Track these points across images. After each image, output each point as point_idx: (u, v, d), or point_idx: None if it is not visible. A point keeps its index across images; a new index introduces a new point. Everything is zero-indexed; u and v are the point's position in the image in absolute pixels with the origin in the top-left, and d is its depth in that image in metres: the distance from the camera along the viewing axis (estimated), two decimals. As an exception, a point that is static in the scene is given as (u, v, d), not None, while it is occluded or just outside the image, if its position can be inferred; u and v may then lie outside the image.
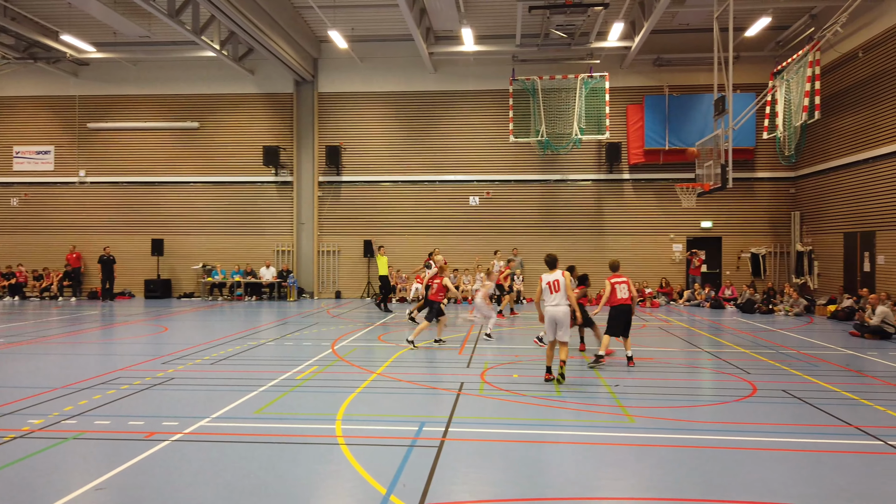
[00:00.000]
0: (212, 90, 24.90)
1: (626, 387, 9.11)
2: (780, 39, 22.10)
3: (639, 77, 23.57)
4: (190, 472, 5.66)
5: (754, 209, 23.46)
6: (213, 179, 24.90)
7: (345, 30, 21.50)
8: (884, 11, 17.62)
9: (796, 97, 17.64)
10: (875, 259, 18.21)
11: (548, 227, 23.89)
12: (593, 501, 5.12)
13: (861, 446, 6.45)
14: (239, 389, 8.73)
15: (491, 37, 22.73)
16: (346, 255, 24.53)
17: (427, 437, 6.61)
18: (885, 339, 13.98)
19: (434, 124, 24.34)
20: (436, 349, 12.42)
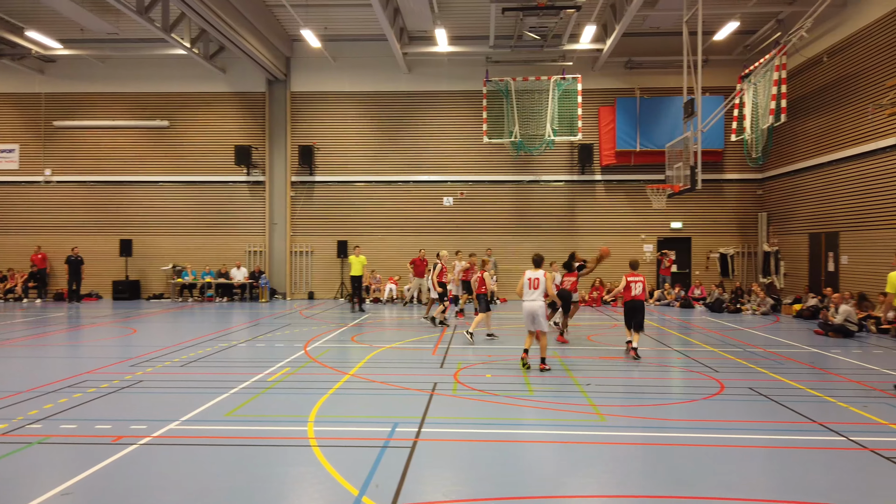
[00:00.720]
0: (182, 88, 24.56)
1: (597, 386, 9.21)
2: (748, 43, 22.53)
3: (610, 79, 23.83)
4: (158, 476, 5.59)
5: (723, 210, 23.88)
6: (184, 179, 24.57)
7: (318, 29, 21.38)
8: (847, 17, 18.07)
9: (763, 100, 18.01)
10: (839, 259, 18.66)
11: (521, 228, 24.03)
12: (565, 499, 5.17)
13: (825, 442, 6.61)
14: (209, 392, 8.63)
15: (465, 38, 22.79)
16: (320, 255, 24.39)
17: (400, 438, 6.61)
18: (847, 337, 14.33)
19: (408, 125, 24.32)
20: (411, 350, 12.43)
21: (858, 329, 14.69)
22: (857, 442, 6.55)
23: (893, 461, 5.96)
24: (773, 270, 22.46)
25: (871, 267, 17.14)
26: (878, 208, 16.85)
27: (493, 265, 22.85)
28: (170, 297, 23.84)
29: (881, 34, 16.61)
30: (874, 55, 16.88)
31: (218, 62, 23.71)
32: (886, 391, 8.88)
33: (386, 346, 12.89)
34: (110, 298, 23.93)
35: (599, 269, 23.07)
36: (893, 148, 16.10)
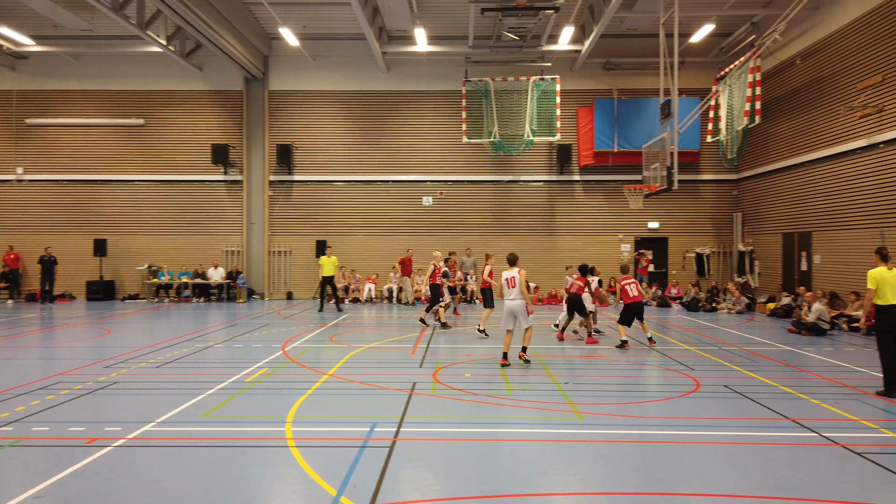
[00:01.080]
0: (158, 86, 24.24)
1: (575, 384, 9.27)
2: (724, 46, 22.83)
3: (589, 80, 23.99)
4: (133, 478, 5.52)
5: (699, 210, 24.17)
6: (160, 178, 24.26)
7: (296, 27, 21.25)
8: (819, 21, 18.39)
9: (738, 102, 18.25)
10: (811, 259, 18.99)
11: (500, 228, 24.10)
12: (543, 497, 5.20)
13: (798, 438, 6.72)
14: (185, 393, 8.54)
15: (444, 37, 22.80)
16: (298, 255, 24.24)
17: (379, 438, 6.60)
18: (820, 335, 14.59)
19: (387, 124, 24.27)
20: (390, 350, 12.41)
21: (830, 327, 14.96)
22: (829, 438, 6.67)
23: (864, 456, 6.08)
24: (747, 270, 22.77)
25: (843, 266, 17.46)
26: (849, 209, 17.18)
27: (472, 265, 22.92)
28: (145, 298, 23.53)
29: (852, 38, 16.93)
30: (846, 58, 17.20)
31: (194, 60, 23.45)
32: (859, 388, 9.05)
33: (365, 346, 12.86)
34: (84, 299, 23.55)
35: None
36: (865, 149, 16.42)
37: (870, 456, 6.08)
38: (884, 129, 15.67)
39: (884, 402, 8.24)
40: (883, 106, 15.68)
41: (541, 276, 22.73)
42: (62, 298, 23.32)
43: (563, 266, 17.16)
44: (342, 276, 23.14)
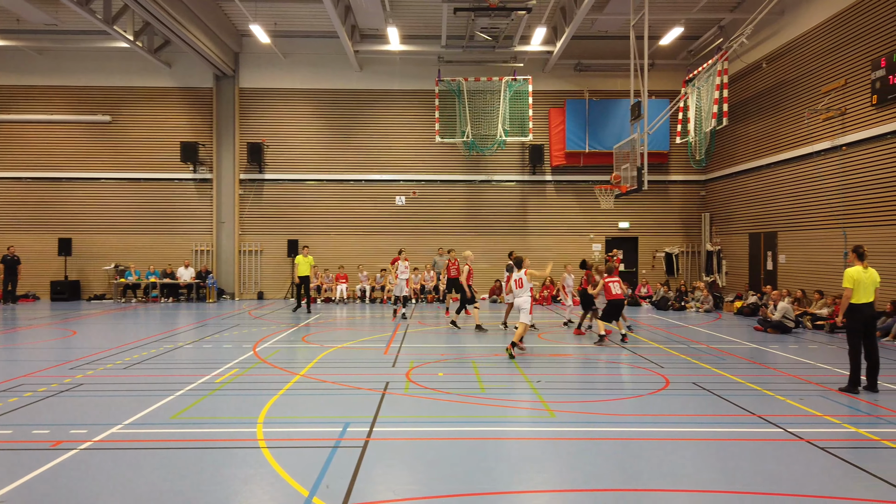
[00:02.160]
0: (125, 83, 23.80)
1: (547, 382, 9.34)
2: (692, 49, 23.20)
3: (560, 81, 24.19)
4: (100, 481, 5.41)
5: (668, 210, 24.53)
6: (127, 176, 23.82)
7: (267, 24, 21.04)
8: (784, 25, 18.80)
9: (706, 104, 18.57)
10: (777, 258, 19.40)
11: (473, 227, 24.17)
12: (516, 495, 5.23)
13: (764, 433, 6.86)
14: (153, 394, 8.40)
15: (417, 37, 22.78)
16: (269, 254, 24.00)
17: (351, 438, 6.57)
18: (785, 333, 14.91)
19: (360, 123, 24.16)
20: (363, 349, 12.36)
21: (795, 325, 15.30)
22: (794, 433, 6.82)
23: (828, 451, 6.23)
24: (715, 269, 23.18)
25: (807, 265, 17.88)
26: (813, 209, 17.59)
27: (445, 265, 22.90)
28: (112, 298, 23.08)
29: (816, 42, 17.34)
30: (810, 62, 17.60)
31: (163, 56, 23.06)
32: (822, 385, 9.27)
33: (337, 345, 12.78)
34: (48, 299, 23.02)
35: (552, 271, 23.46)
36: (828, 151, 16.83)
37: (833, 451, 6.23)
38: (846, 132, 16.08)
39: (847, 398, 8.45)
40: (845, 109, 16.09)
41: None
42: (25, 299, 22.76)
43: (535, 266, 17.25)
44: (315, 276, 22.97)
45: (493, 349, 12.34)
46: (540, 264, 14.48)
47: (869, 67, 15.22)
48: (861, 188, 15.68)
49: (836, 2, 16.49)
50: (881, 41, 14.90)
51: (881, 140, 14.97)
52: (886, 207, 14.84)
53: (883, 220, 14.95)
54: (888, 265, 14.39)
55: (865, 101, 15.40)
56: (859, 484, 5.41)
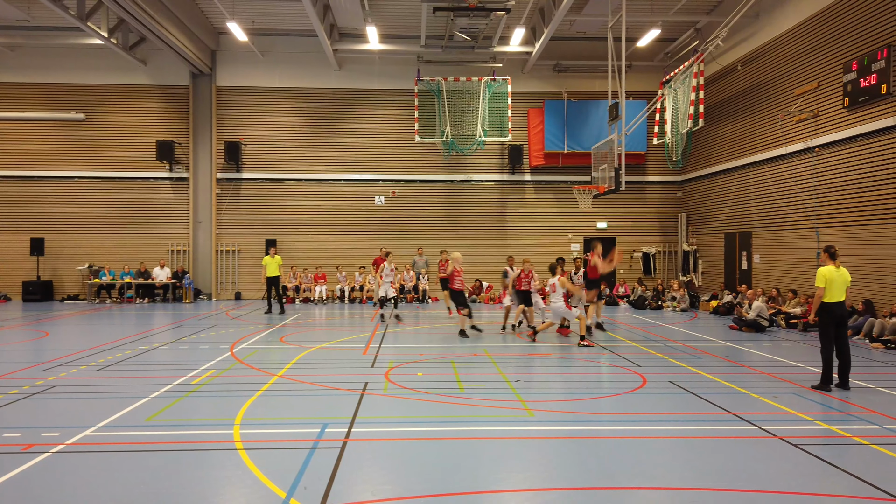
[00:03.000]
0: (99, 80, 23.43)
1: (526, 382, 9.37)
2: (669, 51, 23.44)
3: (539, 82, 24.29)
4: (73, 485, 5.32)
5: (645, 211, 24.76)
6: (101, 174, 23.45)
7: (245, 22, 20.85)
8: (759, 28, 19.07)
9: (683, 105, 18.79)
10: (752, 258, 19.68)
11: (452, 227, 24.18)
12: (495, 494, 5.24)
13: (738, 431, 6.95)
14: (128, 396, 8.28)
15: (396, 36, 22.74)
16: (247, 254, 23.78)
17: (329, 439, 6.54)
18: (759, 331, 15.13)
19: (339, 122, 24.05)
20: (342, 350, 12.30)
21: (769, 324, 15.53)
22: (768, 430, 6.92)
23: (801, 448, 6.33)
24: (691, 269, 23.46)
25: (781, 265, 18.16)
26: (787, 209, 17.86)
27: (425, 264, 22.93)
28: (86, 299, 22.71)
29: (790, 45, 17.61)
30: (784, 65, 17.88)
31: (138, 53, 22.74)
32: (796, 382, 9.42)
33: (316, 346, 12.71)
34: (20, 300, 22.59)
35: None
36: (801, 152, 17.10)
37: (806, 447, 6.34)
38: (819, 133, 16.36)
39: (819, 396, 8.59)
40: (818, 111, 16.37)
41: (493, 275, 22.88)
42: (-4, 300, 22.33)
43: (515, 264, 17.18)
44: (293, 276, 22.84)
45: (472, 349, 12.36)
46: (567, 281, 13.36)
47: (841, 70, 15.50)
48: (833, 189, 15.96)
49: (810, 6, 16.77)
50: (853, 45, 15.18)
51: (852, 142, 15.25)
52: (858, 208, 15.13)
53: (854, 221, 15.24)
54: (860, 265, 14.67)
55: (837, 104, 15.68)
56: (831, 480, 5.51)
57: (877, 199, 14.52)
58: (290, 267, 22.99)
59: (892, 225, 14.05)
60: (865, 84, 14.63)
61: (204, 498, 5.11)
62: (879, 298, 14.25)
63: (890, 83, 13.91)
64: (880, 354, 12.09)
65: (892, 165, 14.08)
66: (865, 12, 14.81)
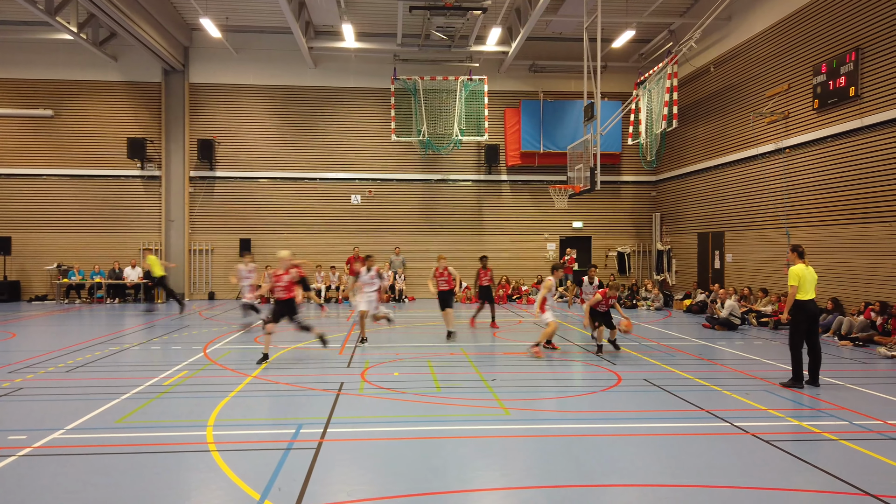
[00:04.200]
0: (69, 76, 22.95)
1: (502, 380, 9.38)
2: (643, 52, 23.67)
3: (516, 82, 24.37)
4: (40, 488, 5.19)
5: (620, 210, 24.98)
6: (71, 172, 22.98)
7: (218, 19, 20.58)
8: (731, 31, 19.34)
9: (657, 106, 18.96)
10: (724, 257, 19.96)
11: (429, 226, 24.16)
12: (471, 493, 5.23)
13: (711, 428, 7.03)
14: (98, 398, 8.11)
15: (372, 34, 22.63)
16: (221, 254, 23.50)
17: (305, 440, 6.47)
18: (731, 330, 15.35)
19: (314, 120, 23.87)
20: (317, 350, 12.20)
21: (741, 322, 15.76)
22: (740, 427, 7.01)
23: (772, 444, 6.42)
24: (665, 268, 23.72)
25: (752, 264, 18.44)
26: (758, 209, 18.15)
27: (402, 263, 22.86)
28: (54, 299, 22.24)
29: (761, 47, 17.89)
30: (755, 67, 18.15)
31: (109, 49, 22.32)
32: (767, 380, 9.56)
33: (291, 346, 12.59)
34: (-15, 301, 22.07)
35: (507, 268, 23.69)
36: (772, 153, 17.38)
37: (777, 443, 6.43)
38: (789, 135, 16.64)
39: (790, 392, 8.73)
40: (788, 113, 16.65)
41: (469, 274, 22.86)
42: (-40, 300, 21.78)
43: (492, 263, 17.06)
44: (267, 276, 22.57)
45: (449, 348, 12.34)
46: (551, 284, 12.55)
47: (811, 73, 15.78)
48: (803, 189, 16.24)
49: (781, 9, 17.05)
50: (822, 48, 15.46)
51: (822, 143, 15.54)
52: (827, 208, 15.42)
53: (823, 221, 15.53)
54: (829, 264, 14.96)
55: (807, 106, 15.96)
56: (802, 475, 5.59)
57: (845, 199, 14.81)
58: (264, 267, 22.75)
59: (860, 224, 14.35)
60: (834, 86, 14.91)
61: (176, 501, 5.02)
62: (847, 297, 14.55)
63: (858, 86, 14.20)
64: (849, 352, 12.33)
65: (859, 166, 14.38)
66: (834, 16, 15.10)
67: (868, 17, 14.07)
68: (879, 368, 10.70)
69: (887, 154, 13.61)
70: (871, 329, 13.04)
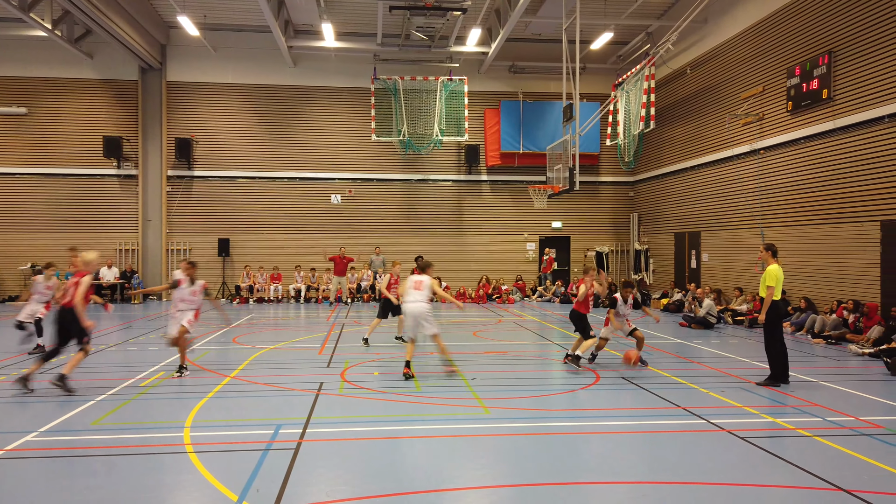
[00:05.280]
0: (43, 73, 22.55)
1: (482, 380, 9.41)
2: (621, 54, 23.87)
3: (495, 82, 24.44)
4: (12, 493, 5.10)
5: (599, 211, 25.17)
6: (45, 171, 22.59)
7: (196, 16, 20.36)
8: (707, 33, 19.59)
9: (634, 108, 19.14)
10: (700, 256, 20.21)
11: (409, 226, 24.14)
12: (452, 492, 5.24)
13: (688, 425, 7.12)
14: (73, 400, 7.99)
15: (352, 34, 22.55)
16: (199, 253, 23.23)
17: (283, 440, 6.44)
18: (707, 328, 15.54)
19: (294, 119, 23.73)
20: (297, 350, 12.14)
21: (717, 321, 15.97)
22: (717, 424, 7.11)
23: (747, 440, 6.52)
24: (643, 267, 23.95)
25: (728, 263, 18.68)
26: (734, 210, 18.40)
27: (381, 263, 22.81)
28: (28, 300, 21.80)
29: (737, 50, 18.14)
30: (731, 69, 18.40)
31: (84, 46, 21.98)
32: (742, 377, 9.70)
33: (270, 346, 12.52)
34: (-44, 302, 21.62)
35: (487, 268, 23.73)
36: (747, 154, 17.62)
37: (752, 440, 6.53)
38: (764, 136, 16.89)
39: (764, 390, 8.85)
40: (763, 114, 16.90)
41: (449, 274, 22.92)
42: (-70, 301, 21.30)
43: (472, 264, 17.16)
44: (247, 276, 22.44)
45: (429, 347, 12.32)
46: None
47: (785, 75, 16.03)
48: (777, 190, 16.50)
49: (756, 12, 17.30)
50: (796, 51, 15.72)
51: (795, 144, 15.80)
52: (800, 208, 15.67)
53: (797, 221, 15.79)
54: (802, 263, 15.21)
55: (781, 108, 16.21)
56: (776, 471, 5.69)
57: (818, 199, 15.07)
58: (243, 266, 22.63)
59: (833, 224, 14.62)
60: (808, 89, 15.17)
61: (152, 503, 4.97)
62: (820, 295, 14.79)
63: (831, 88, 14.46)
64: (821, 349, 12.55)
65: (832, 168, 14.64)
66: (808, 19, 15.36)
67: (840, 20, 14.34)
68: (851, 366, 10.91)
69: (859, 155, 13.88)
70: (844, 327, 13.29)
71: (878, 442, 6.50)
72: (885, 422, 7.23)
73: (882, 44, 13.23)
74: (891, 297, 12.91)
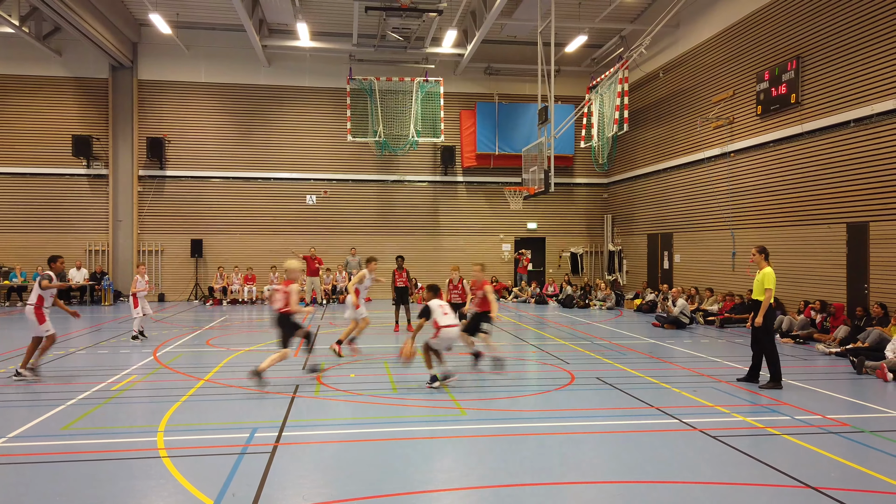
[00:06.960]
0: (9, 70, 22.07)
1: (459, 381, 9.44)
2: (595, 57, 24.12)
3: (471, 84, 24.52)
4: (-19, 500, 5.01)
5: (573, 212, 25.40)
6: (11, 170, 22.10)
7: (168, 14, 20.12)
8: (680, 37, 19.89)
9: (608, 110, 19.36)
10: (672, 257, 20.50)
11: (385, 227, 24.10)
12: (429, 494, 5.26)
13: (661, 424, 7.23)
14: (42, 404, 7.85)
15: (328, 34, 22.45)
16: (171, 254, 22.96)
17: (259, 444, 6.40)
18: (680, 328, 15.78)
19: (268, 119, 23.54)
20: (271, 352, 12.03)
21: (689, 321, 16.21)
22: (689, 423, 7.23)
23: (718, 439, 6.65)
24: (616, 268, 24.21)
25: (699, 264, 18.99)
26: (705, 212, 18.70)
27: (357, 264, 22.71)
28: (-7, 302, 21.36)
29: (708, 54, 18.45)
30: (702, 73, 18.71)
31: (53, 44, 21.55)
32: (714, 377, 9.87)
33: (244, 348, 12.41)
34: (-82, 304, 21.05)
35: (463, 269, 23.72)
36: (718, 157, 17.93)
37: (723, 438, 6.65)
38: (734, 139, 17.20)
39: (733, 388, 9.02)
40: (733, 118, 17.21)
41: (425, 274, 22.90)
42: None
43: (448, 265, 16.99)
44: (220, 277, 22.20)
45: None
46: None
47: (755, 80, 16.34)
48: (747, 192, 16.81)
49: (726, 17, 17.61)
50: (765, 56, 16.04)
51: (764, 148, 16.11)
52: (769, 210, 15.99)
53: (766, 223, 16.10)
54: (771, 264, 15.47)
55: (751, 112, 16.53)
56: (747, 469, 5.80)
57: (786, 202, 15.39)
58: (217, 267, 22.38)
59: (801, 227, 14.94)
60: (776, 93, 15.48)
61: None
62: (788, 296, 15.11)
63: (799, 93, 14.78)
64: (790, 349, 12.82)
65: (800, 171, 14.96)
66: (777, 25, 15.68)
67: (808, 27, 14.66)
68: (819, 365, 11.16)
69: (826, 159, 14.21)
70: (811, 327, 13.59)
71: (844, 440, 6.67)
72: (851, 420, 7.43)
73: (848, 50, 13.56)
74: (856, 298, 13.24)
